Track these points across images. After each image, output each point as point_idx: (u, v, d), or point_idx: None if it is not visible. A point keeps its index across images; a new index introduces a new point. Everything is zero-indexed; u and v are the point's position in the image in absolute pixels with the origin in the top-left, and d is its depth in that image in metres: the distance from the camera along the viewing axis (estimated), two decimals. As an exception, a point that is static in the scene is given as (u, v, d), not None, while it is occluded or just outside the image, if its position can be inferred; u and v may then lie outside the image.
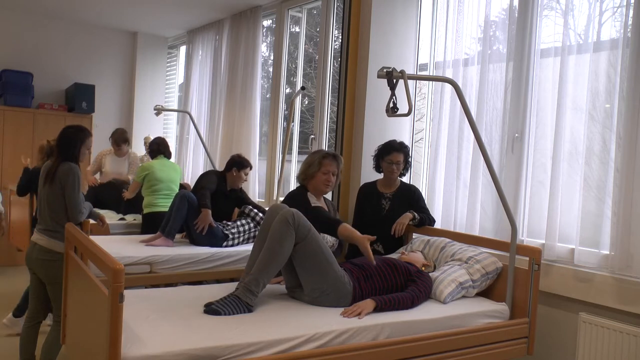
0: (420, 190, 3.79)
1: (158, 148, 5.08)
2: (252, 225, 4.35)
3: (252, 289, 2.56)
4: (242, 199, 4.65)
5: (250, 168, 4.61)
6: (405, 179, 4.09)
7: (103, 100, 7.22)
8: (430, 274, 3.01)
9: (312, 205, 3.16)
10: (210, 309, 2.45)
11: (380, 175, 3.73)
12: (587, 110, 3.12)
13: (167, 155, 5.09)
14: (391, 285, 2.83)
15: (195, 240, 4.15)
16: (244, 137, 5.75)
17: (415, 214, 3.51)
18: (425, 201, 3.97)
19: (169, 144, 5.23)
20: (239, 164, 4.49)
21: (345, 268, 2.81)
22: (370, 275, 2.81)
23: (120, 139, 5.64)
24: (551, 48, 3.36)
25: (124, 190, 5.21)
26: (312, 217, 2.81)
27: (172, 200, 4.67)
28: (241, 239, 4.26)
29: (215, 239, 4.11)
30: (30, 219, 4.44)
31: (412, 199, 3.64)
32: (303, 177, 3.31)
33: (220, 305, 2.46)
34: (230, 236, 4.19)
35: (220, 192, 4.45)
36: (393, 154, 3.58)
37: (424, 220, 3.55)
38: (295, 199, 3.21)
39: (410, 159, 3.70)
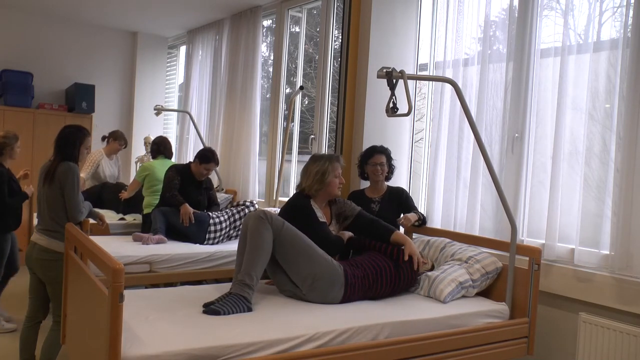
0: (417, 191, 3.79)
1: (158, 148, 5.07)
2: (237, 210, 4.50)
3: (247, 282, 2.59)
4: (209, 196, 4.74)
5: (216, 164, 4.65)
6: (405, 179, 4.10)
7: (103, 100, 7.22)
8: (429, 273, 3.02)
9: (320, 220, 3.02)
10: (210, 309, 2.45)
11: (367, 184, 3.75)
12: (587, 110, 3.12)
13: (168, 155, 5.08)
14: (381, 269, 2.87)
15: (185, 233, 4.25)
16: (244, 137, 5.75)
17: (421, 215, 3.53)
18: (426, 201, 3.98)
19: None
20: (202, 157, 4.55)
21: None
22: (360, 263, 2.87)
23: (124, 139, 5.58)
24: (551, 48, 3.36)
25: (122, 191, 5.20)
26: (319, 236, 2.88)
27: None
28: (226, 216, 4.42)
29: (201, 219, 4.29)
30: (30, 219, 4.44)
31: (400, 199, 3.65)
32: (318, 187, 3.04)
33: (220, 305, 2.46)
34: (214, 214, 4.37)
35: (189, 182, 4.55)
36: (375, 156, 3.61)
37: (424, 222, 3.59)
38: (300, 211, 3.00)
39: (393, 162, 3.70)
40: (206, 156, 4.55)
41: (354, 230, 3.17)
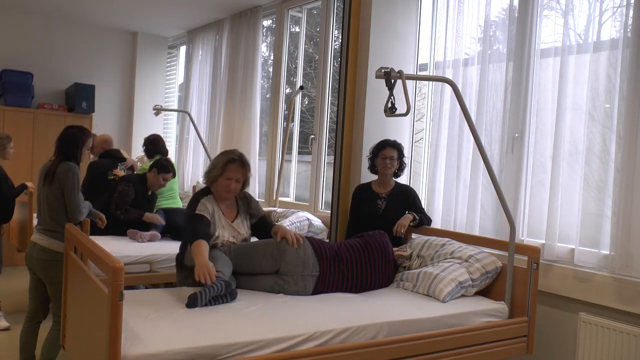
0: (417, 191, 3.79)
1: (155, 147, 5.05)
2: None
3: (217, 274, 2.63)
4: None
5: (174, 175, 4.39)
6: (405, 179, 4.10)
7: (103, 100, 7.22)
8: (428, 270, 3.01)
9: (196, 212, 2.91)
10: (190, 299, 2.47)
11: (375, 177, 3.74)
12: (587, 110, 3.12)
13: (164, 153, 5.06)
14: (347, 241, 3.11)
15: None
16: (244, 137, 5.75)
17: (415, 215, 3.52)
18: (425, 201, 3.97)
19: (169, 143, 5.21)
20: (161, 166, 4.30)
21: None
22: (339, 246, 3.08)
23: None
24: (551, 48, 3.36)
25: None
26: (187, 225, 2.92)
27: (172, 200, 4.68)
28: None
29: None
30: (30, 219, 4.44)
31: (407, 199, 3.64)
32: (206, 179, 3.02)
33: (198, 292, 2.49)
34: None
35: (142, 196, 4.30)
36: (386, 149, 3.61)
37: (423, 221, 3.57)
38: (192, 201, 2.99)
39: (404, 159, 3.70)
40: (164, 166, 4.30)
41: (253, 230, 3.15)
